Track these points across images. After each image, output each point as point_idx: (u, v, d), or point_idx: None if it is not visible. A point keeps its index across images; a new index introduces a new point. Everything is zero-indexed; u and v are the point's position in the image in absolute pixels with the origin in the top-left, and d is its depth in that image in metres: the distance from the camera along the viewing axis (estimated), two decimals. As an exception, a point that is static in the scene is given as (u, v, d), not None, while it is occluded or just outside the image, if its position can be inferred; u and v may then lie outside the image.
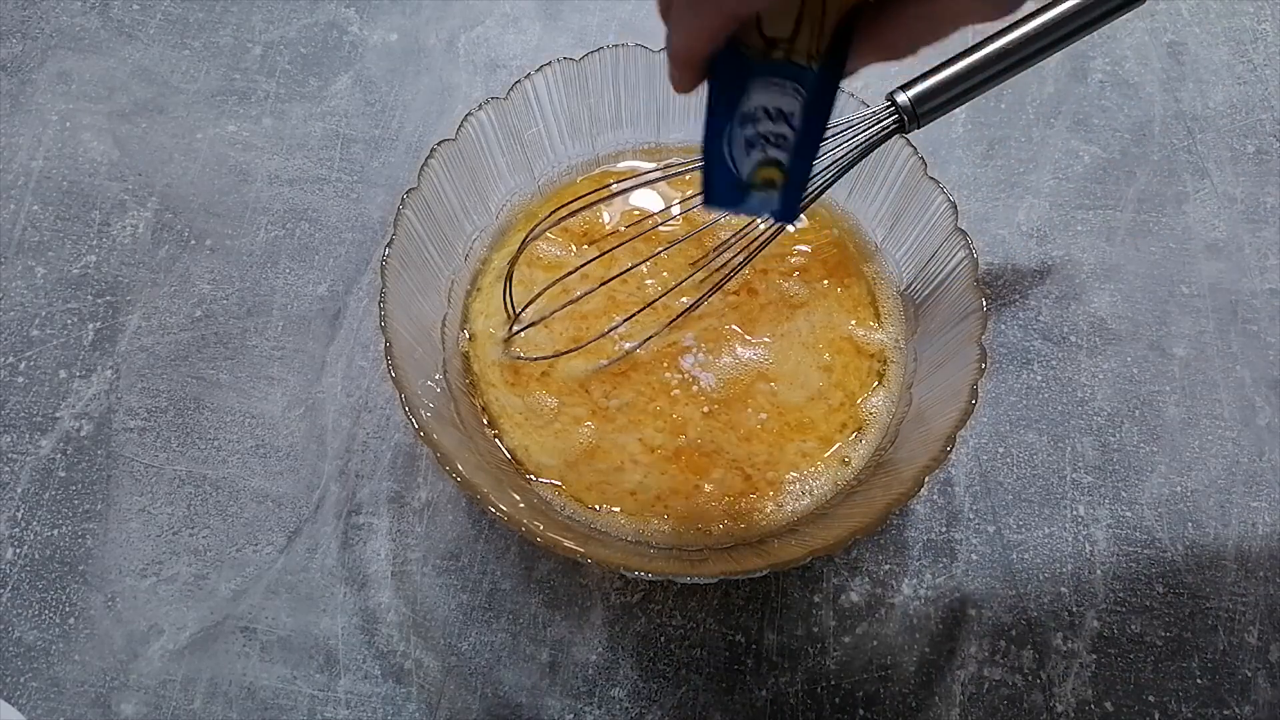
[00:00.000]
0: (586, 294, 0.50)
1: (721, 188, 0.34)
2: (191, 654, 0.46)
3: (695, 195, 0.53)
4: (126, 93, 0.61)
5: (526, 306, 0.49)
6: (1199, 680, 0.46)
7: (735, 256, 0.50)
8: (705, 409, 0.48)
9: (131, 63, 0.62)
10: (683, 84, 0.32)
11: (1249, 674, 0.46)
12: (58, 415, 0.51)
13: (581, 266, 0.50)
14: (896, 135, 0.46)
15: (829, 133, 0.44)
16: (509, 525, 0.39)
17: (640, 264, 0.50)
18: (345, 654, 0.46)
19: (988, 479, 0.51)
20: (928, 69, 0.45)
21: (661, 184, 0.54)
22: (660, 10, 0.31)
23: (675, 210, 0.53)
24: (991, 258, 0.57)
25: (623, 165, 0.55)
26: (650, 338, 0.50)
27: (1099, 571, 0.48)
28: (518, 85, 0.50)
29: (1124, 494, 0.50)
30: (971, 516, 0.50)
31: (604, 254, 0.50)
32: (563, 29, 0.65)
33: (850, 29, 0.30)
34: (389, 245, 0.44)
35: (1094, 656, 0.47)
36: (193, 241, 0.56)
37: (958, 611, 0.47)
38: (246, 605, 0.47)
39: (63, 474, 0.50)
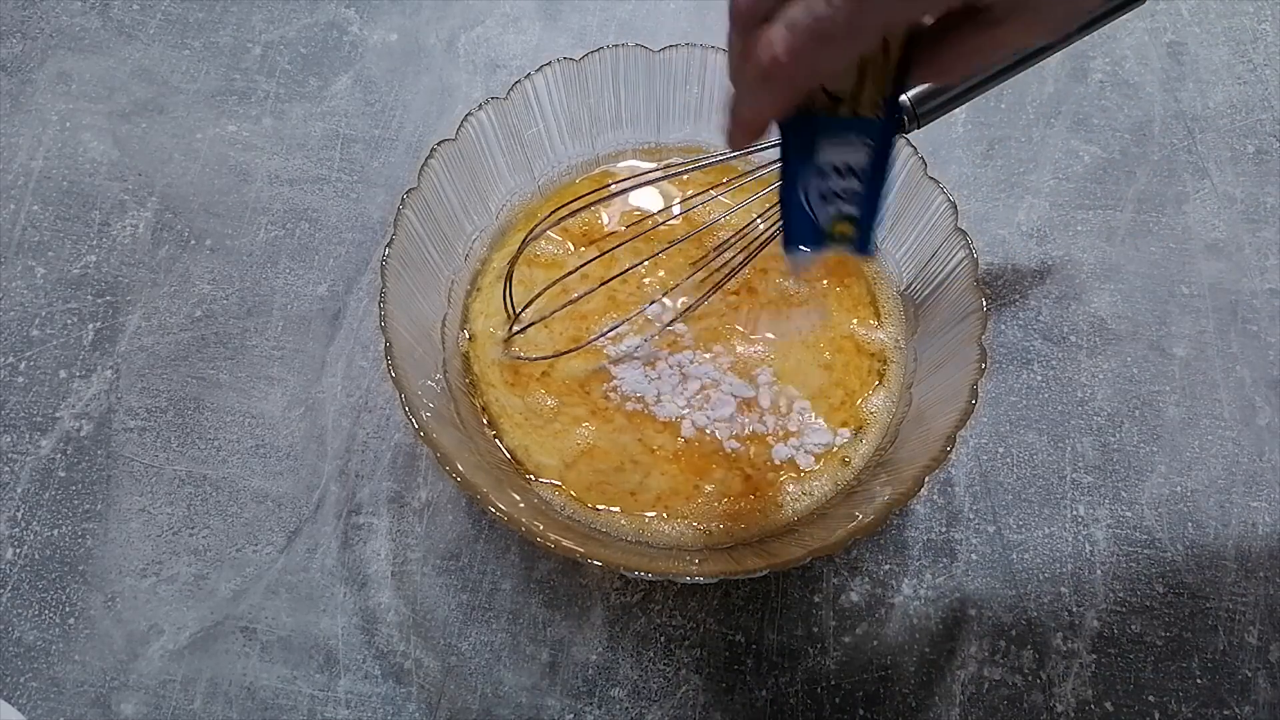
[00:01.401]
0: (586, 294, 0.50)
1: (801, 233, 0.35)
2: (191, 654, 0.46)
3: (695, 195, 0.53)
4: (126, 93, 0.61)
5: (526, 306, 0.49)
6: (1199, 680, 0.46)
7: (735, 256, 0.50)
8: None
9: (131, 63, 0.62)
10: (740, 145, 0.32)
11: (1249, 674, 0.46)
12: (58, 415, 0.51)
13: (581, 266, 0.50)
14: (897, 135, 0.46)
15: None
16: (509, 525, 0.39)
17: (640, 264, 0.50)
18: (345, 654, 0.46)
19: (988, 479, 0.51)
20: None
21: (661, 184, 0.54)
22: (731, 75, 0.31)
23: (675, 210, 0.53)
24: (991, 258, 0.57)
25: (623, 165, 0.55)
26: (650, 337, 0.50)
27: (1099, 571, 0.48)
28: (518, 85, 0.50)
29: (1124, 494, 0.50)
30: (971, 516, 0.50)
31: (604, 254, 0.50)
32: (563, 29, 0.65)
33: (908, 64, 0.30)
34: (389, 245, 0.44)
35: (1094, 656, 0.47)
36: (193, 241, 0.56)
37: (958, 611, 0.47)
38: (246, 605, 0.47)
39: (63, 474, 0.50)
